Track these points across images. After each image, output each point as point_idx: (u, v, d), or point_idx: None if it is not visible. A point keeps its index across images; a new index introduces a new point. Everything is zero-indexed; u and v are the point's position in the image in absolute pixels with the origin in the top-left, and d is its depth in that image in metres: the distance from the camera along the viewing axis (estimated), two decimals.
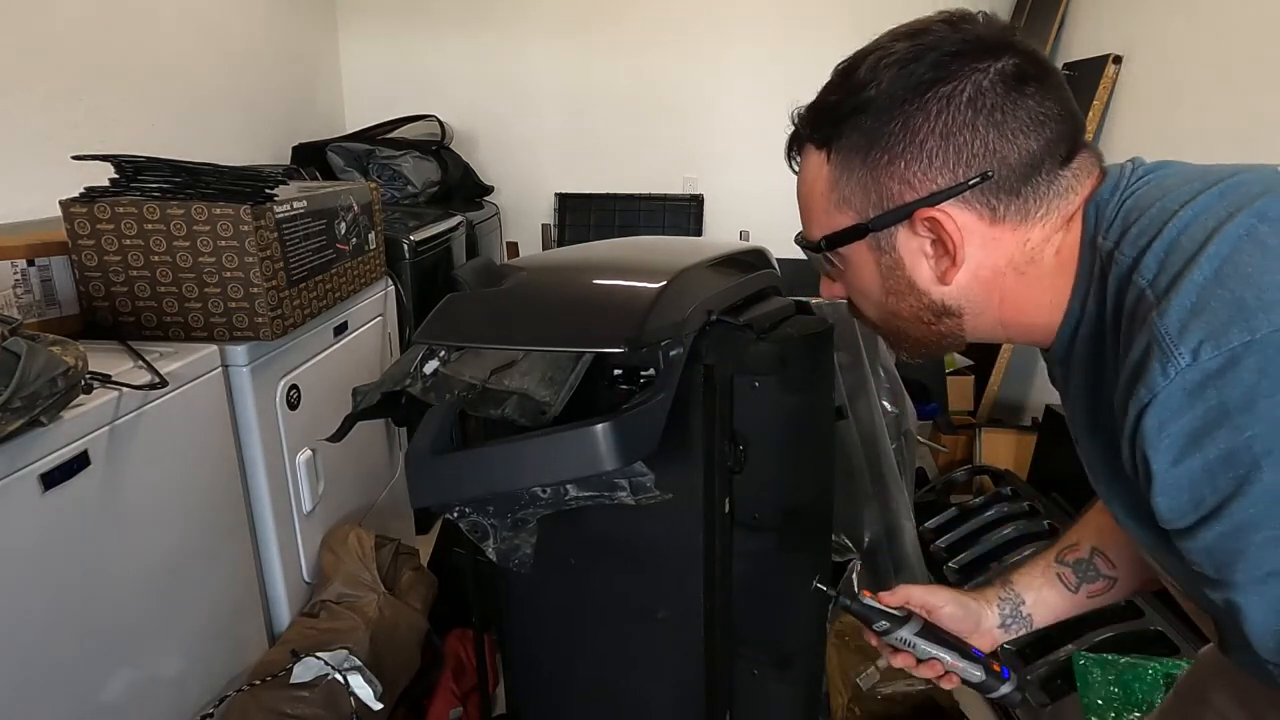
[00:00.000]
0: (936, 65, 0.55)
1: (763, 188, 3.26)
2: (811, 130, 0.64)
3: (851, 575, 1.65)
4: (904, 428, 1.83)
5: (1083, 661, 1.52)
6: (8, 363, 0.82)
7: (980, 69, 0.55)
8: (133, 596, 1.07)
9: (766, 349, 1.01)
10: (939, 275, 0.59)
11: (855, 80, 0.59)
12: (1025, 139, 0.55)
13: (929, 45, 0.56)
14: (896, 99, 0.56)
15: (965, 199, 0.56)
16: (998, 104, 0.54)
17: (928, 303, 0.61)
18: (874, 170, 0.58)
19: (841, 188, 0.61)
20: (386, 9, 3.17)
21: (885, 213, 0.59)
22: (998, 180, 0.55)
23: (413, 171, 2.74)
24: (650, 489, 0.86)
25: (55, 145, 1.73)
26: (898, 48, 0.58)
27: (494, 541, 0.91)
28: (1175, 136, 2.10)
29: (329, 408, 1.50)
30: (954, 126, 0.55)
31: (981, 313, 0.61)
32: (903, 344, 0.68)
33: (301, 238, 1.35)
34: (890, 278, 0.62)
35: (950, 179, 0.56)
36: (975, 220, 0.56)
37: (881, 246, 0.61)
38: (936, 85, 0.55)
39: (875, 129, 0.57)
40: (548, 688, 1.25)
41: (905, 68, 0.56)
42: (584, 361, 0.90)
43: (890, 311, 0.64)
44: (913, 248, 0.60)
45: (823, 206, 0.63)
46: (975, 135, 0.55)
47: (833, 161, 0.61)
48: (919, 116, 0.56)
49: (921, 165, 0.56)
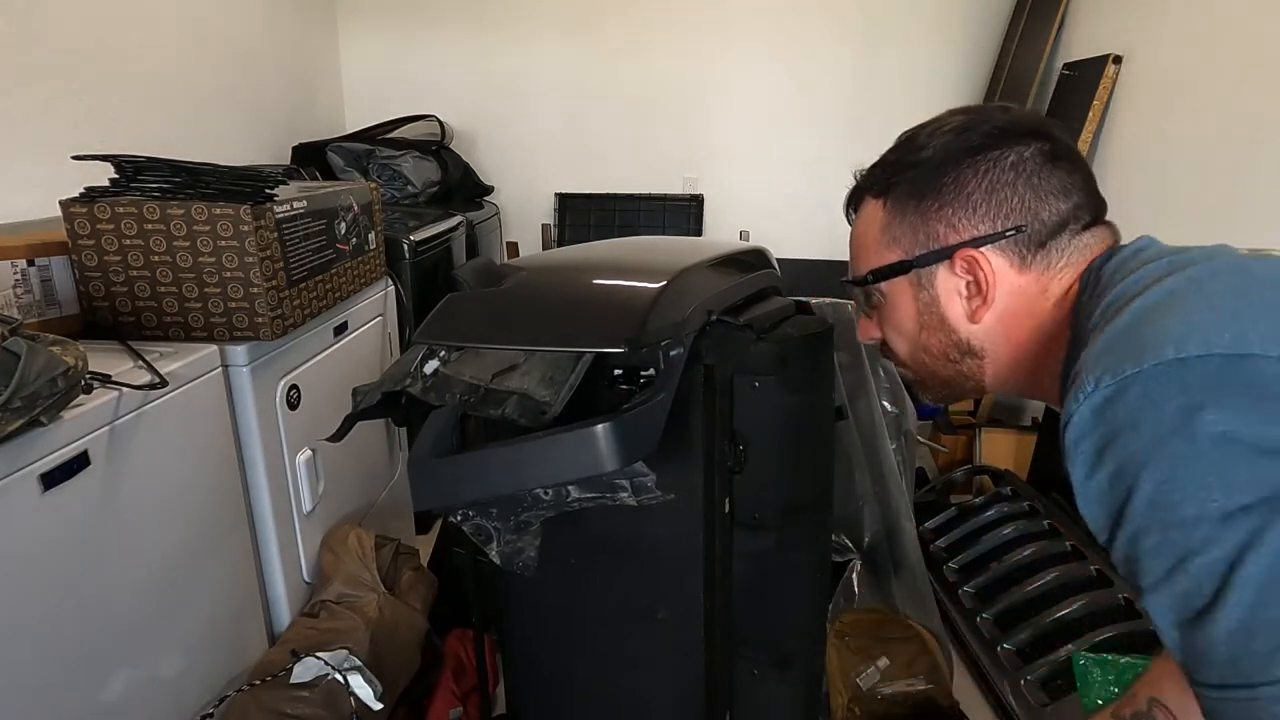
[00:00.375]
0: (987, 135, 0.67)
1: (763, 188, 3.27)
2: (873, 183, 0.74)
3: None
4: (904, 428, 1.83)
5: (1083, 661, 1.52)
6: (8, 363, 0.82)
7: (1022, 144, 0.66)
8: (133, 596, 1.07)
9: (766, 349, 1.01)
10: (970, 313, 0.68)
11: (915, 144, 0.71)
12: (1055, 202, 0.65)
13: (982, 119, 0.68)
14: (950, 158, 0.67)
15: (1000, 246, 0.66)
16: (1035, 171, 0.65)
17: (955, 340, 0.70)
18: (924, 215, 0.69)
19: (893, 229, 0.71)
20: (386, 9, 3.17)
21: (930, 252, 0.69)
22: (1030, 233, 0.65)
23: (413, 171, 2.74)
24: (651, 489, 0.86)
25: (55, 145, 1.73)
26: (954, 120, 0.69)
27: (498, 544, 0.91)
28: (1175, 136, 2.10)
29: (329, 408, 1.50)
30: (998, 184, 0.66)
31: (1000, 358, 0.69)
32: (927, 383, 0.76)
33: (301, 238, 1.35)
34: (925, 313, 0.71)
35: (990, 227, 0.66)
36: (1006, 266, 0.66)
37: (922, 283, 0.70)
38: (986, 150, 0.66)
39: (929, 181, 0.68)
40: (548, 688, 1.25)
41: (960, 135, 0.68)
42: (584, 362, 0.90)
43: (921, 346, 0.73)
44: (949, 286, 0.69)
45: (874, 247, 0.73)
46: (1014, 193, 0.65)
47: (888, 207, 0.72)
48: (969, 173, 0.67)
49: (967, 213, 0.67)
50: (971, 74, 3.08)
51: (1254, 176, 1.79)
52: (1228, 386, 0.45)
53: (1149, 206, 2.18)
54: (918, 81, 3.10)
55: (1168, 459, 0.46)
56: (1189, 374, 0.46)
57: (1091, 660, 1.51)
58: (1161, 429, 0.46)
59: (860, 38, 3.08)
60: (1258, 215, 1.78)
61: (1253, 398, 0.45)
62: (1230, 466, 0.44)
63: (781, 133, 3.20)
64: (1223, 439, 0.45)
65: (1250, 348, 0.46)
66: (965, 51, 3.07)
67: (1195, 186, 2.00)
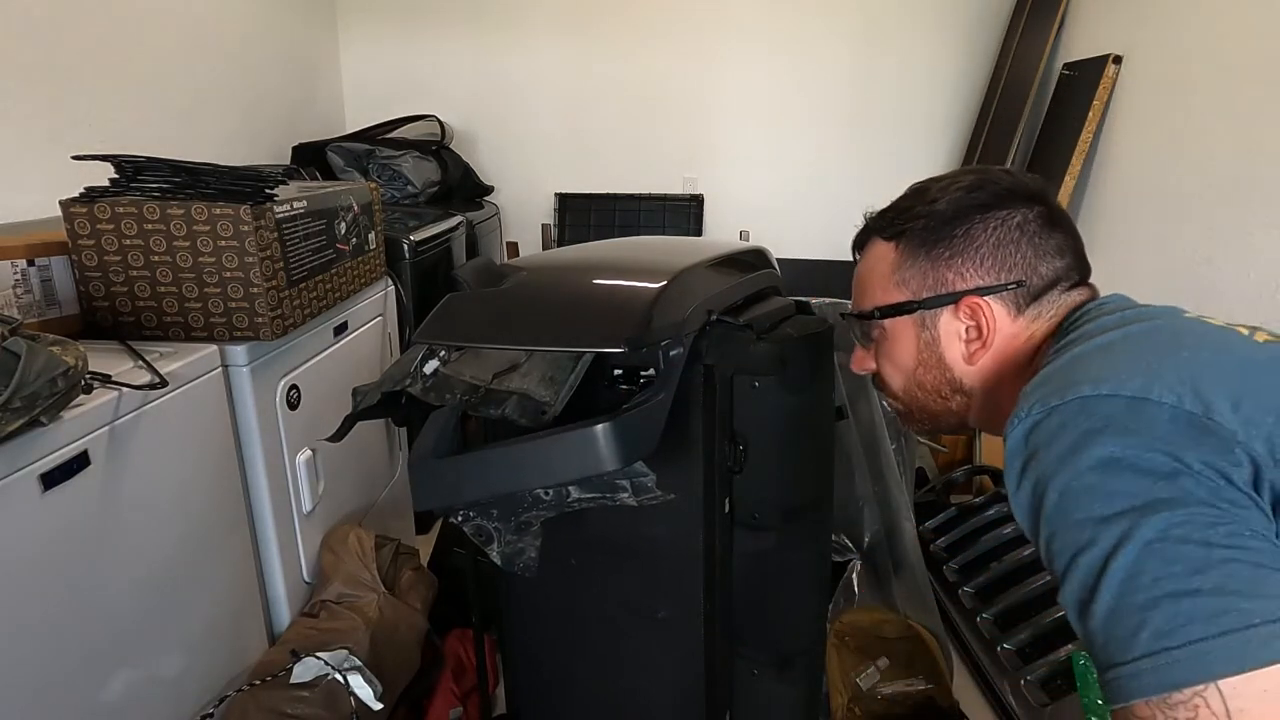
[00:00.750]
0: (995, 195, 0.74)
1: (763, 188, 3.27)
2: (884, 226, 0.80)
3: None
4: (904, 427, 1.83)
5: (1083, 661, 1.51)
6: (8, 363, 0.82)
7: (1025, 206, 0.74)
8: (133, 597, 1.07)
9: (766, 349, 1.01)
10: (968, 356, 0.75)
11: (928, 195, 0.77)
12: (1052, 260, 0.73)
13: (990, 180, 0.75)
14: (962, 212, 0.74)
15: (1001, 297, 0.73)
16: (1037, 232, 0.73)
17: (949, 379, 0.77)
18: (935, 262, 0.75)
19: (903, 271, 0.77)
20: (386, 9, 3.17)
21: (937, 295, 0.75)
22: (1028, 288, 0.73)
23: (413, 171, 2.74)
24: (652, 489, 0.86)
25: (55, 145, 1.73)
26: (965, 179, 0.76)
27: (498, 545, 0.91)
28: (1175, 136, 2.10)
29: (329, 408, 1.50)
30: (1005, 241, 0.73)
31: (983, 396, 0.76)
32: (915, 415, 0.82)
33: (301, 238, 1.35)
34: (925, 351, 0.77)
35: (995, 279, 0.73)
36: (1004, 314, 0.73)
37: (926, 324, 0.76)
38: (994, 209, 0.74)
39: (940, 231, 0.75)
40: (548, 688, 1.25)
41: (971, 193, 0.75)
42: (584, 361, 0.90)
43: (916, 382, 0.79)
44: (951, 329, 0.75)
45: (882, 285, 0.79)
46: (1018, 250, 0.73)
47: (899, 250, 0.78)
48: (979, 229, 0.74)
49: (974, 264, 0.74)
50: (971, 74, 3.08)
51: (1254, 176, 1.79)
52: (1123, 421, 0.54)
53: (1149, 207, 2.18)
54: (917, 81, 3.10)
55: (1067, 473, 0.54)
56: (1097, 408, 0.55)
57: (1091, 660, 1.51)
58: (1065, 449, 0.55)
59: (860, 38, 3.09)
60: (1258, 215, 1.78)
61: (1141, 432, 0.53)
62: (1112, 481, 0.52)
63: (781, 133, 3.20)
64: (1109, 460, 0.53)
65: (1150, 394, 0.54)
66: (965, 52, 3.07)
67: (1195, 186, 2.00)
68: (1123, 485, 0.52)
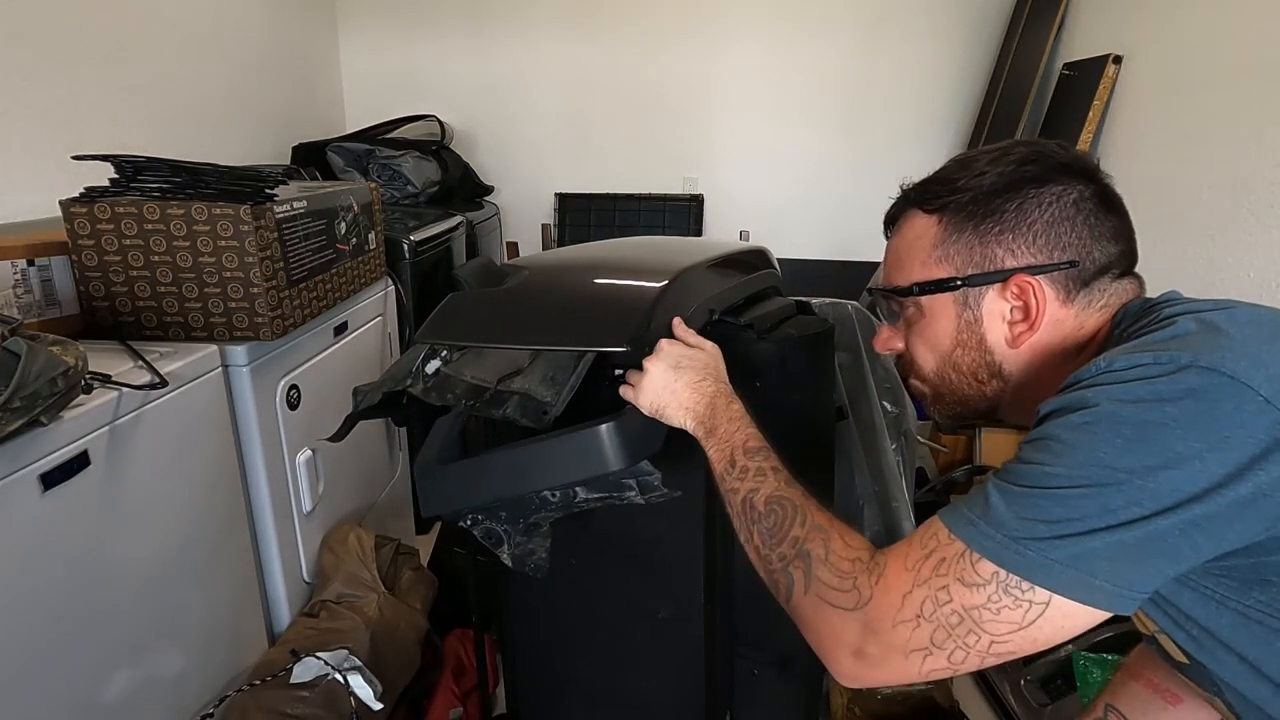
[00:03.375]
0: (1051, 169, 0.69)
1: (763, 188, 3.27)
2: (926, 198, 0.74)
3: None
4: (904, 428, 1.83)
5: (1083, 661, 1.51)
6: (8, 363, 0.82)
7: (1082, 184, 0.69)
8: (133, 596, 1.07)
9: (767, 349, 1.01)
10: (1011, 339, 0.70)
11: (975, 167, 0.71)
12: (1107, 244, 0.68)
13: (1045, 154, 0.70)
14: (1015, 185, 0.69)
15: (1052, 277, 0.68)
16: (1094, 211, 0.68)
17: (988, 361, 0.72)
18: (983, 237, 0.70)
19: (946, 246, 0.72)
20: (386, 9, 3.17)
21: (985, 273, 0.70)
22: (1081, 270, 0.68)
23: (413, 171, 2.73)
24: (658, 487, 0.86)
25: (55, 145, 1.73)
26: (1019, 150, 0.71)
27: (508, 547, 0.91)
28: (1175, 136, 2.10)
29: (329, 408, 1.50)
30: (1060, 218, 0.68)
31: (1022, 385, 0.71)
32: (945, 400, 0.77)
33: (301, 238, 1.35)
34: (965, 331, 0.72)
35: (1047, 258, 0.68)
36: (1054, 297, 0.68)
37: (969, 303, 0.71)
38: (1049, 183, 0.68)
39: (990, 204, 0.70)
40: (548, 688, 1.25)
41: (1024, 166, 0.69)
42: (586, 361, 0.90)
43: (952, 364, 0.74)
44: (995, 309, 0.70)
45: (921, 260, 0.73)
46: (1074, 230, 0.68)
47: (942, 223, 0.72)
48: (1033, 203, 0.68)
49: (1027, 241, 0.68)
50: (971, 74, 3.08)
51: (1254, 176, 1.79)
52: (1207, 405, 0.52)
53: (1149, 207, 2.18)
54: (918, 82, 3.10)
55: (1116, 407, 0.54)
56: (1185, 380, 0.53)
57: (1091, 660, 1.51)
58: (1132, 394, 0.54)
59: (861, 38, 3.09)
60: (1258, 215, 1.78)
61: (1215, 428, 0.52)
62: (1145, 453, 0.53)
63: (782, 133, 3.20)
64: (1169, 453, 0.52)
65: (1252, 381, 0.52)
66: (965, 52, 3.07)
67: (1195, 186, 2.00)
68: (1155, 466, 0.51)
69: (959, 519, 0.57)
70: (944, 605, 0.55)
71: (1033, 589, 0.53)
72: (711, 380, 0.83)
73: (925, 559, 0.57)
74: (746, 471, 0.73)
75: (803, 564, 0.64)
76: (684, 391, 0.82)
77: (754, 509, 0.70)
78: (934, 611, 0.55)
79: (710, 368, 0.85)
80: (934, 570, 0.56)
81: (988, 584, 0.54)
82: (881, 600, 0.58)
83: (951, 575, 0.55)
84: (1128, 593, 0.53)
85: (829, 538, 0.64)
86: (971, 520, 0.56)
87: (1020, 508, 0.54)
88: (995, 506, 0.55)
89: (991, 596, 0.54)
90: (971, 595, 0.54)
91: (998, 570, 0.54)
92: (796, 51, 3.11)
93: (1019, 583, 0.53)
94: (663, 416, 0.83)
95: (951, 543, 0.56)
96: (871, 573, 0.59)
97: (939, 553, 0.57)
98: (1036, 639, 0.54)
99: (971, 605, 0.54)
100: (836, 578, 0.61)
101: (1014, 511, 0.54)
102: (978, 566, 0.54)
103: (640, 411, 0.84)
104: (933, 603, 0.55)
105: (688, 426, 0.82)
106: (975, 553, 0.55)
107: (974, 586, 0.54)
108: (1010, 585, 0.53)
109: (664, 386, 0.83)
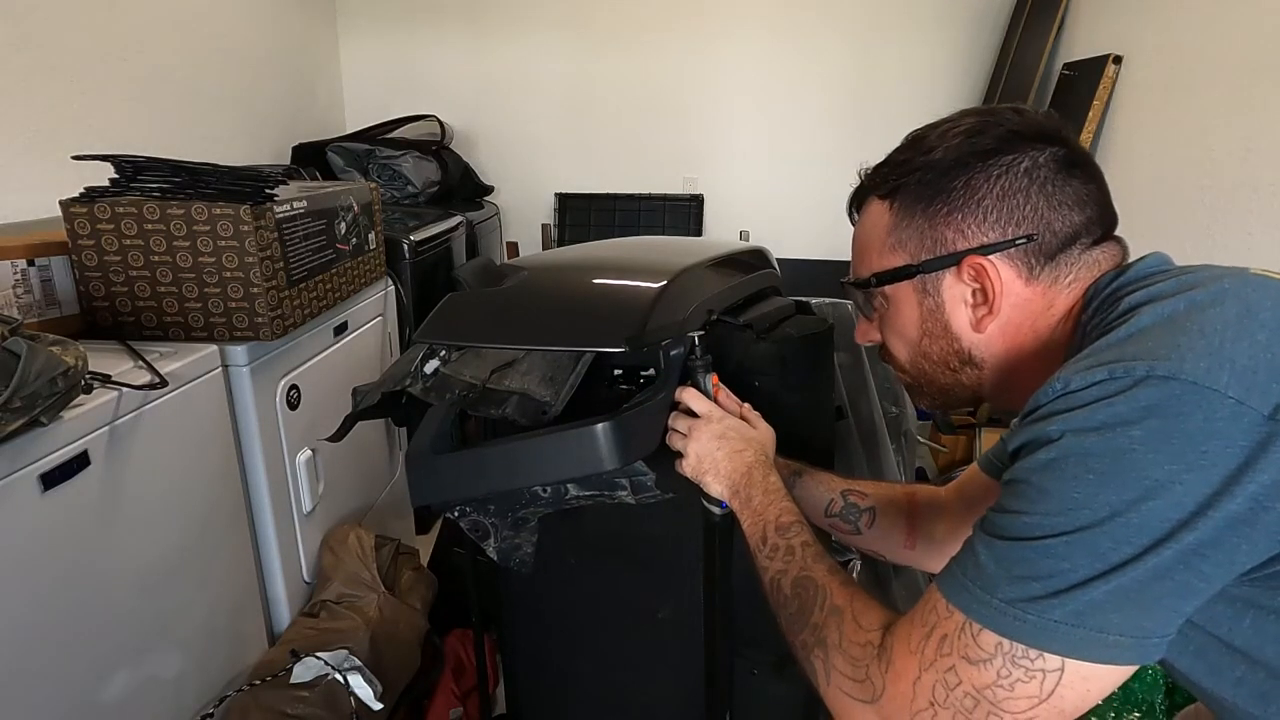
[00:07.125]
0: (1001, 139, 0.64)
1: (763, 188, 3.27)
2: (877, 183, 0.72)
3: None
4: (904, 428, 1.83)
5: None
6: (8, 363, 0.82)
7: (1037, 149, 0.63)
8: (132, 596, 1.07)
9: (766, 349, 1.01)
10: (974, 322, 0.66)
11: (924, 145, 0.68)
12: (1069, 212, 0.63)
13: (995, 121, 0.65)
14: (962, 161, 0.65)
15: (1010, 255, 0.64)
16: (1049, 178, 0.63)
17: (957, 349, 0.69)
18: (932, 220, 0.66)
19: (899, 232, 0.69)
20: (386, 9, 3.18)
21: (937, 257, 0.66)
22: (1040, 243, 0.63)
23: (413, 171, 2.74)
24: (651, 488, 0.86)
25: (55, 145, 1.73)
26: (966, 121, 0.66)
27: (494, 540, 0.91)
28: (1175, 136, 2.10)
29: (329, 408, 1.50)
30: (1010, 190, 0.63)
31: (999, 369, 0.68)
32: (925, 390, 0.74)
33: (301, 238, 1.35)
34: (929, 320, 0.69)
35: (1000, 234, 0.64)
36: (1014, 276, 0.64)
37: (927, 289, 0.68)
38: (999, 155, 0.64)
39: (938, 184, 0.66)
40: (548, 688, 1.25)
41: (972, 138, 0.65)
42: (584, 361, 0.90)
43: (922, 353, 0.71)
44: (955, 294, 0.67)
45: (878, 249, 0.71)
46: (1028, 201, 0.63)
47: (894, 209, 0.69)
48: (980, 178, 0.64)
49: (977, 219, 0.64)
50: (971, 74, 3.08)
51: (1254, 177, 1.79)
52: (1171, 418, 0.48)
53: (1149, 207, 2.18)
54: (918, 82, 3.10)
55: (1080, 440, 0.50)
56: (1143, 394, 0.49)
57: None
58: (1095, 422, 0.50)
59: (861, 38, 3.09)
60: (1258, 215, 1.78)
61: (1189, 443, 0.47)
62: (1116, 488, 0.48)
63: (781, 132, 3.20)
64: (1139, 477, 0.48)
65: (1216, 383, 0.47)
66: (965, 51, 3.07)
67: (1195, 186, 2.00)
68: (1126, 501, 0.47)
69: (954, 585, 0.53)
70: (955, 689, 0.51)
71: (1041, 656, 0.48)
72: (753, 451, 0.82)
73: (927, 638, 0.53)
74: (776, 550, 0.72)
75: (822, 653, 0.61)
76: (723, 461, 0.82)
77: (781, 592, 0.69)
78: (946, 697, 0.51)
79: (754, 441, 0.84)
80: (938, 650, 0.52)
81: (994, 658, 0.50)
82: (894, 691, 0.54)
83: (956, 653, 0.51)
84: (1146, 641, 0.48)
85: (843, 621, 0.61)
86: (965, 585, 0.52)
87: (1009, 564, 0.50)
88: (985, 565, 0.52)
89: (1001, 671, 0.49)
90: (980, 673, 0.50)
91: (1000, 641, 0.49)
92: (797, 51, 3.11)
93: (1025, 651, 0.49)
94: (702, 483, 0.83)
95: (951, 615, 0.52)
96: (880, 659, 0.56)
97: (940, 628, 0.53)
98: (1064, 709, 0.49)
99: (983, 684, 0.50)
100: (850, 666, 0.58)
101: (1004, 570, 0.50)
102: (980, 639, 0.50)
103: (640, 411, 0.84)
104: (943, 687, 0.52)
105: (724, 496, 0.81)
106: (975, 623, 0.51)
107: (980, 663, 0.50)
108: (1017, 656, 0.49)
109: (707, 454, 0.83)
